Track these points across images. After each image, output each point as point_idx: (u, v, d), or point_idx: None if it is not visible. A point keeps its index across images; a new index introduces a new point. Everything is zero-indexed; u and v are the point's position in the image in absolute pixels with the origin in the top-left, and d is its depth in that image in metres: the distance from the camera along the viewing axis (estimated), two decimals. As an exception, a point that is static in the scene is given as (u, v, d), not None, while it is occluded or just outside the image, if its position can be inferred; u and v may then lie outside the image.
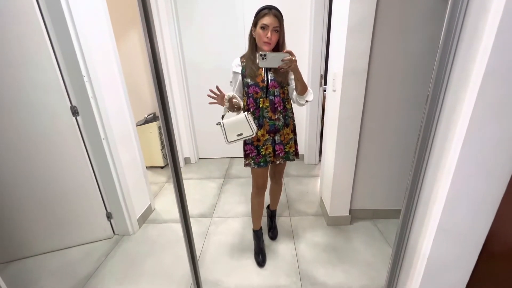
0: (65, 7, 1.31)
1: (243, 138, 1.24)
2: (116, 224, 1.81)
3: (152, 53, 0.64)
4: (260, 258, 1.55)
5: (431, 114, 0.74)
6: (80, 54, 1.40)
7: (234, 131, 1.24)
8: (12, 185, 1.49)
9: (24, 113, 1.39)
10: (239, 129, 1.23)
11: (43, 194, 1.56)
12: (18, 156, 1.45)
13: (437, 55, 0.69)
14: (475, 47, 0.64)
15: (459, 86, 0.69)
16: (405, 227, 0.88)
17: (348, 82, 1.48)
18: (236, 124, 1.24)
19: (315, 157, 2.83)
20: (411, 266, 0.92)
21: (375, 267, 1.48)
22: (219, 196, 2.29)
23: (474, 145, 0.68)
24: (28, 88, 1.36)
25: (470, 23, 0.64)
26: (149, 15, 0.60)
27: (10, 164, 1.45)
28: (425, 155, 0.78)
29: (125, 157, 1.77)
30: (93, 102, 1.50)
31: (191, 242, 0.95)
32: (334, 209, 1.81)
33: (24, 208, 1.55)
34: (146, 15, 0.59)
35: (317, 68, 2.46)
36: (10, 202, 1.52)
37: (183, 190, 0.85)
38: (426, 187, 0.81)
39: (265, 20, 1.19)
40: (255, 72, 1.30)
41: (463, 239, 0.79)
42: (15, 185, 1.49)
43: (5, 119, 1.37)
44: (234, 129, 1.24)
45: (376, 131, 1.63)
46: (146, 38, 0.62)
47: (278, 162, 1.43)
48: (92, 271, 1.53)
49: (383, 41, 1.42)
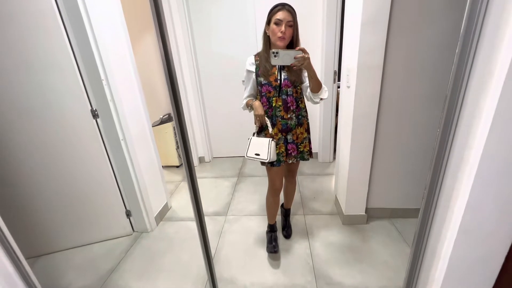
0: (83, 12, 1.36)
1: (258, 159, 1.32)
2: (135, 221, 1.88)
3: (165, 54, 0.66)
4: (272, 246, 1.57)
5: (451, 109, 0.70)
6: (98, 59, 1.46)
7: (255, 149, 1.34)
8: (38, 185, 1.58)
9: (48, 116, 1.47)
10: (259, 149, 1.32)
11: (67, 194, 1.64)
12: (43, 158, 1.53)
13: (457, 47, 0.66)
14: (500, 36, 0.60)
15: (482, 80, 0.65)
16: (424, 227, 0.85)
17: (363, 78, 1.44)
18: (259, 144, 1.33)
19: (330, 155, 2.78)
20: (431, 266, 0.89)
21: (393, 268, 1.44)
22: (233, 195, 2.32)
23: (498, 142, 0.64)
24: (51, 92, 1.44)
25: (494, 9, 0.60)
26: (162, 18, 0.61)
27: (36, 165, 1.54)
28: (445, 152, 0.74)
29: (142, 156, 1.83)
30: (111, 104, 1.56)
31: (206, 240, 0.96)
32: (349, 208, 1.78)
33: (50, 206, 1.64)
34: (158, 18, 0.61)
35: (330, 64, 2.41)
36: (38, 202, 1.61)
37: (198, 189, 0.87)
38: (446, 186, 0.78)
39: (279, 15, 1.19)
40: (269, 71, 1.30)
41: (487, 240, 0.75)
42: (41, 185, 1.58)
43: (31, 122, 1.46)
44: (256, 147, 1.34)
45: (393, 128, 1.58)
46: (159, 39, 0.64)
47: (290, 161, 1.43)
48: (113, 266, 1.60)
49: (399, 34, 1.37)
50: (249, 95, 1.43)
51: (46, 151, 1.53)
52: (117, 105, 1.58)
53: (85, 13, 1.37)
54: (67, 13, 1.36)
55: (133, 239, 1.84)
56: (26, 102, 1.42)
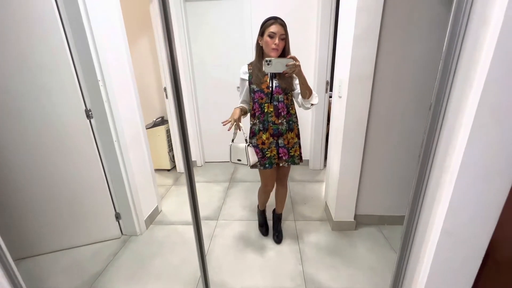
0: (83, 12, 1.38)
1: (240, 164, 1.43)
2: (124, 224, 1.85)
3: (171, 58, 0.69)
4: (264, 229, 1.83)
5: (435, 119, 0.76)
6: (96, 59, 1.47)
7: (236, 155, 1.44)
8: (26, 185, 1.54)
9: (40, 115, 1.46)
10: (239, 155, 1.42)
11: (55, 195, 1.61)
12: (32, 157, 1.51)
13: (440, 64, 0.72)
14: (477, 56, 0.67)
15: (462, 93, 0.71)
16: (409, 231, 0.90)
17: (354, 89, 1.51)
18: (238, 150, 1.42)
19: (320, 162, 2.84)
20: (415, 270, 0.93)
21: (379, 273, 1.48)
22: (224, 200, 2.32)
23: (477, 150, 0.70)
24: (45, 91, 1.43)
25: (471, 34, 0.67)
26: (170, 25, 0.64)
27: (24, 164, 1.51)
28: (429, 159, 0.80)
29: (135, 159, 1.82)
30: (107, 105, 1.56)
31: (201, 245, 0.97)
32: (339, 214, 1.82)
33: (36, 207, 1.60)
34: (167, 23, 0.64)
35: (323, 75, 2.50)
36: (24, 202, 1.57)
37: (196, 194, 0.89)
38: (430, 191, 0.83)
39: (273, 29, 1.28)
40: (261, 79, 1.38)
41: (467, 243, 0.80)
42: (29, 185, 1.55)
43: (21, 121, 1.44)
44: (236, 154, 1.44)
45: (381, 137, 1.65)
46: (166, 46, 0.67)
47: (281, 164, 1.50)
48: (100, 270, 1.57)
49: (388, 48, 1.45)
50: (242, 101, 1.52)
51: (35, 151, 1.50)
52: (113, 106, 1.58)
53: (85, 11, 1.38)
54: (67, 15, 1.37)
55: (122, 242, 1.81)
56: (16, 101, 1.40)
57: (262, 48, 1.36)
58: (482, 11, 0.65)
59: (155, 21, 2.41)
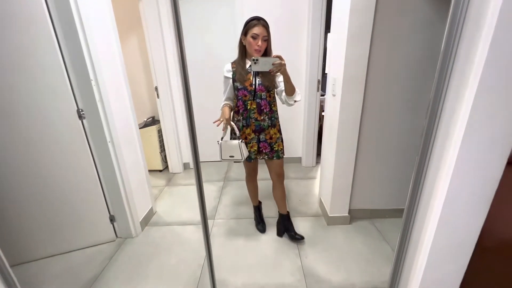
0: (75, 12, 1.33)
1: (233, 160, 1.49)
2: (119, 227, 1.81)
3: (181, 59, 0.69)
4: (261, 226, 1.85)
5: (432, 117, 0.81)
6: (88, 58, 1.42)
7: (228, 152, 1.48)
8: (16, 188, 1.48)
9: (30, 116, 1.40)
10: (232, 152, 1.47)
11: (47, 198, 1.55)
12: (23, 158, 1.44)
13: (438, 64, 0.77)
14: (471, 58, 0.72)
15: (458, 92, 0.76)
16: (409, 220, 0.95)
17: (348, 87, 1.56)
18: (231, 147, 1.46)
19: (313, 159, 2.90)
20: (414, 258, 0.99)
21: (374, 264, 1.54)
22: (220, 199, 2.32)
23: (471, 146, 0.76)
24: (36, 91, 1.37)
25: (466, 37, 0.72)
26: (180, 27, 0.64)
27: (15, 166, 1.44)
28: (427, 154, 0.85)
29: (129, 159, 1.78)
30: (99, 105, 1.51)
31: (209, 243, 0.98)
32: (334, 209, 1.88)
33: (28, 211, 1.54)
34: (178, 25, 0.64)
35: (314, 74, 2.55)
36: (15, 205, 1.50)
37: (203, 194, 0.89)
38: (428, 183, 0.88)
39: (256, 30, 1.33)
40: (244, 76, 1.43)
41: (462, 229, 0.86)
42: (19, 188, 1.48)
43: (11, 121, 1.37)
44: (228, 150, 1.48)
45: (374, 134, 1.71)
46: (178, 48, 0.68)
47: (261, 157, 1.59)
48: (96, 274, 1.53)
49: (380, 48, 1.51)
50: (226, 98, 1.56)
51: (26, 153, 1.44)
52: (106, 106, 1.54)
53: (76, 11, 1.34)
54: (58, 14, 1.32)
55: (117, 245, 1.77)
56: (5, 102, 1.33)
57: (245, 47, 1.41)
58: (477, 16, 0.70)
59: (144, 19, 2.36)
